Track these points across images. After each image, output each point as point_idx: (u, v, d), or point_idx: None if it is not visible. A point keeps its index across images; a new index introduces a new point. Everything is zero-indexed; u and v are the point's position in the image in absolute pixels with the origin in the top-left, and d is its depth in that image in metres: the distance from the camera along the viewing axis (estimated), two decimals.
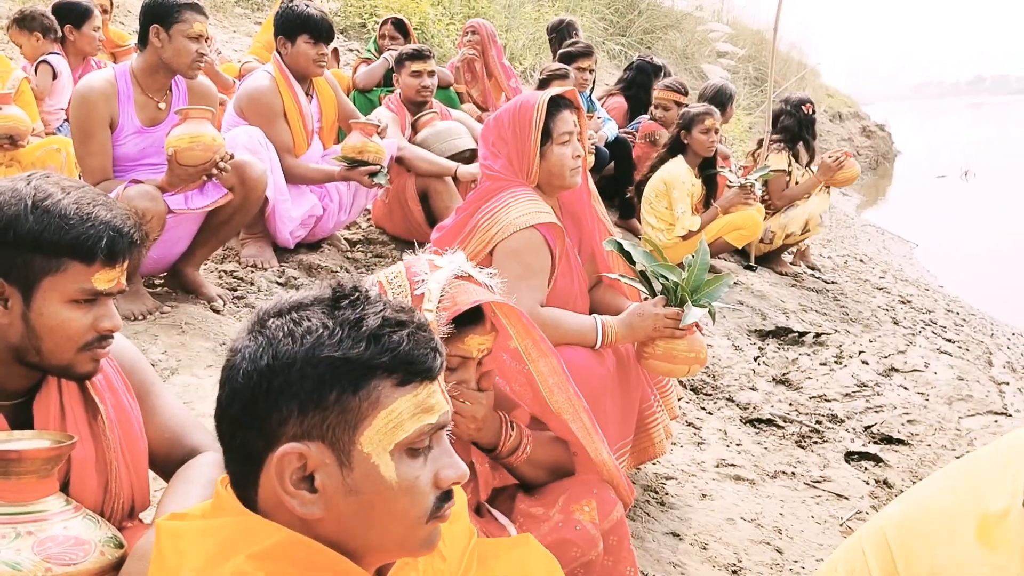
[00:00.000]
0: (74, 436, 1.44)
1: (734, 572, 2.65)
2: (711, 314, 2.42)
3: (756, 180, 5.38)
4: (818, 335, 5.05)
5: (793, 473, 3.40)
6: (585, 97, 5.85)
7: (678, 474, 3.16)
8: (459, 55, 6.24)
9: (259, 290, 3.74)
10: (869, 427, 3.93)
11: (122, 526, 1.56)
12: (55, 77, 4.62)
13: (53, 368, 1.49)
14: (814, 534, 2.98)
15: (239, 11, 8.91)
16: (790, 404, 4.06)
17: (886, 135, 19.54)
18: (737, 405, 3.95)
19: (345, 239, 4.61)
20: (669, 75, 6.91)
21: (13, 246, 1.40)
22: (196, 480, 1.59)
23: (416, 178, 4.52)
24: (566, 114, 2.53)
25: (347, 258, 4.38)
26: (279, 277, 3.92)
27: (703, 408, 3.84)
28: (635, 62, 7.02)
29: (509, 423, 1.86)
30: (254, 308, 3.50)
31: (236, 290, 3.73)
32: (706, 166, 5.39)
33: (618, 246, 2.48)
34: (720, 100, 6.12)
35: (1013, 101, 79.01)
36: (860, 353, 4.86)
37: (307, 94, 4.16)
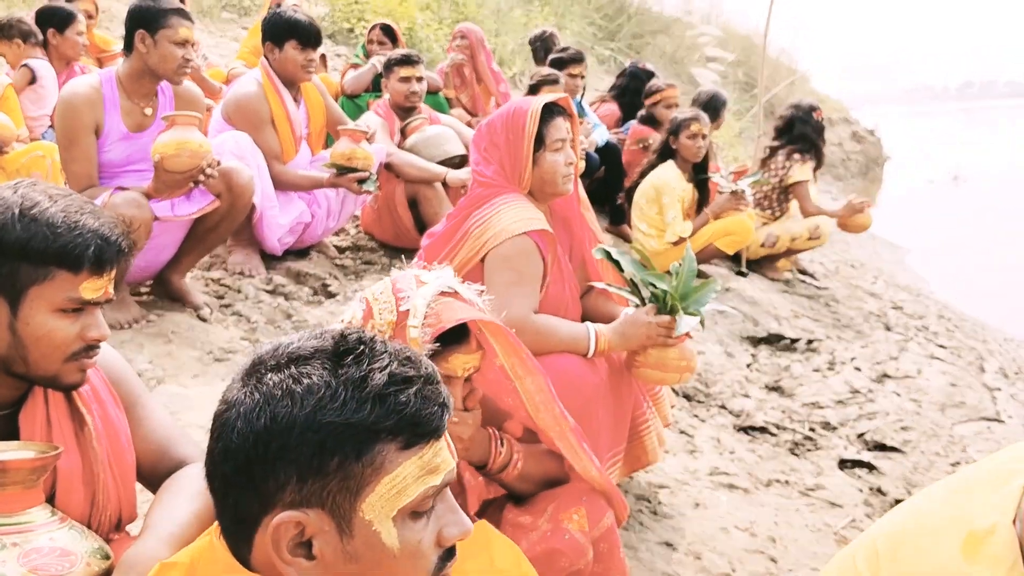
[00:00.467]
0: (59, 447, 1.43)
1: None
2: (700, 321, 2.43)
3: (747, 186, 5.39)
4: (810, 341, 5.05)
5: (787, 481, 3.38)
6: (576, 102, 5.84)
7: (671, 483, 3.14)
8: (448, 60, 6.23)
9: (246, 298, 3.71)
10: (862, 434, 3.92)
11: (109, 538, 1.55)
12: (33, 80, 4.57)
13: (40, 378, 1.48)
14: (808, 543, 2.97)
15: (226, 16, 8.88)
16: (783, 411, 4.05)
17: (876, 140, 19.58)
18: (730, 412, 3.94)
19: (334, 246, 4.59)
20: (656, 77, 6.92)
21: (0, 255, 1.39)
22: (183, 492, 1.57)
23: (405, 184, 4.50)
24: (559, 121, 2.52)
25: (335, 265, 4.35)
26: (267, 285, 3.89)
27: (696, 416, 3.82)
28: (628, 68, 7.04)
29: (499, 439, 1.84)
30: (242, 316, 3.50)
31: (223, 298, 3.69)
32: (697, 171, 5.39)
33: (607, 254, 2.47)
34: (714, 107, 6.13)
35: (1001, 106, 79.63)
36: (852, 359, 4.86)
37: (295, 100, 4.14)
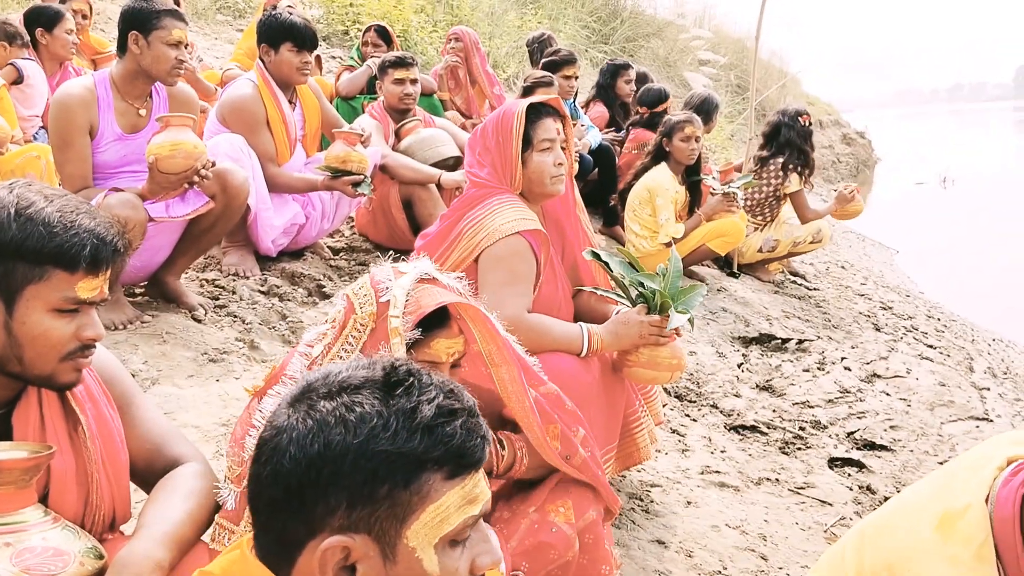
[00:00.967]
0: (52, 446, 1.43)
1: None
2: (690, 320, 2.46)
3: (738, 188, 5.41)
4: (801, 342, 5.08)
5: (777, 479, 3.41)
6: (569, 104, 5.87)
7: (663, 481, 3.16)
8: (442, 62, 6.24)
9: (241, 299, 3.72)
10: (852, 433, 3.95)
11: (103, 538, 1.55)
12: (20, 80, 4.56)
13: (35, 378, 1.48)
14: (798, 540, 2.99)
15: (221, 18, 8.88)
16: (774, 411, 4.07)
17: (866, 142, 19.69)
18: (721, 412, 3.96)
19: (328, 247, 4.59)
20: (650, 80, 6.95)
21: None
22: (177, 491, 1.58)
23: (400, 186, 4.51)
24: (548, 122, 2.54)
25: (330, 266, 4.36)
26: (261, 286, 3.89)
27: (687, 415, 3.84)
28: (602, 69, 7.10)
29: (499, 442, 1.86)
30: (236, 317, 3.51)
31: (218, 299, 3.70)
32: (690, 173, 5.42)
33: (596, 256, 2.50)
34: (706, 110, 6.16)
35: (991, 108, 79.96)
36: (842, 359, 4.89)
37: (290, 102, 4.15)
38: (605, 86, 6.85)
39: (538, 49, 6.89)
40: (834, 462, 3.66)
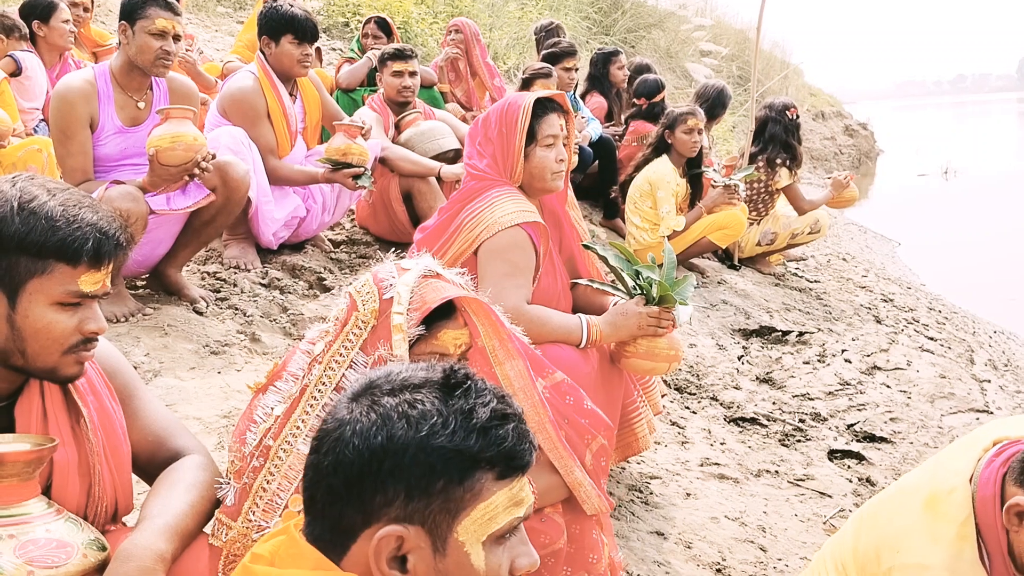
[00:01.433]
0: (55, 439, 1.43)
1: (718, 570, 2.67)
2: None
3: (739, 180, 5.41)
4: (801, 334, 5.08)
5: (777, 471, 3.42)
6: (569, 96, 5.86)
7: (662, 473, 3.17)
8: (443, 54, 6.23)
9: (242, 291, 3.73)
10: (852, 425, 3.96)
11: (105, 529, 1.56)
12: (18, 72, 4.56)
13: (37, 371, 1.48)
14: (798, 532, 3.00)
15: (221, 10, 8.86)
16: (774, 403, 4.08)
17: (868, 134, 19.66)
18: (721, 404, 3.97)
19: (329, 240, 4.60)
20: (653, 71, 6.92)
21: None
22: (180, 483, 1.58)
23: (400, 178, 4.51)
24: (553, 118, 2.54)
25: (331, 259, 4.36)
26: (262, 278, 3.90)
27: (687, 407, 3.85)
28: (592, 58, 7.04)
29: None
30: (237, 309, 3.52)
31: (219, 291, 3.71)
32: (691, 166, 5.42)
33: (592, 248, 2.51)
34: (722, 102, 6.15)
35: (994, 99, 79.77)
36: (843, 352, 4.89)
37: (291, 94, 4.15)
38: (598, 76, 6.80)
39: (545, 38, 6.86)
40: (834, 454, 3.67)
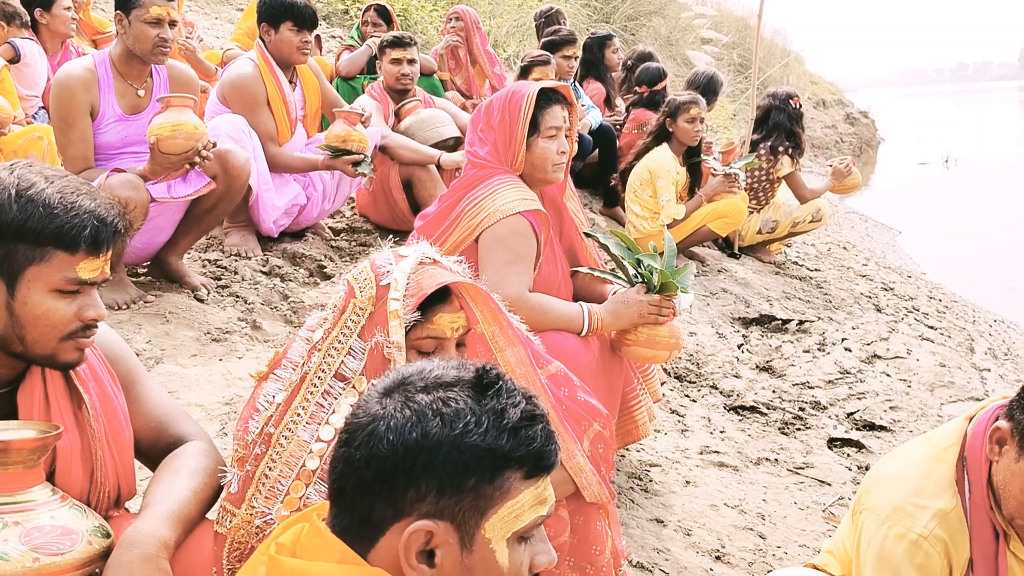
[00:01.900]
0: (60, 426, 1.44)
1: (717, 558, 2.68)
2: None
3: (740, 169, 5.40)
4: (801, 322, 5.09)
5: (776, 460, 3.43)
6: (570, 84, 5.85)
7: (662, 461, 3.18)
8: (443, 42, 6.21)
9: (243, 279, 3.73)
10: (852, 414, 3.97)
11: (108, 515, 1.57)
12: (17, 59, 4.55)
13: (37, 358, 1.49)
14: (797, 520, 3.01)
15: None
16: (773, 391, 4.09)
17: (870, 122, 19.62)
18: (721, 392, 3.98)
19: (329, 228, 4.60)
20: (655, 59, 6.90)
21: None
22: (182, 470, 1.59)
23: (400, 167, 4.51)
24: (556, 109, 2.53)
25: (331, 247, 4.37)
26: (263, 266, 3.91)
27: (687, 395, 3.86)
28: (585, 43, 6.97)
29: None
30: (238, 297, 3.53)
31: (220, 279, 3.71)
32: (691, 154, 5.41)
33: (593, 236, 2.52)
34: (713, 89, 6.13)
35: (995, 88, 79.57)
36: (843, 340, 4.90)
37: (291, 82, 4.14)
38: (594, 61, 6.75)
39: (544, 24, 6.82)
40: (833, 442, 3.69)
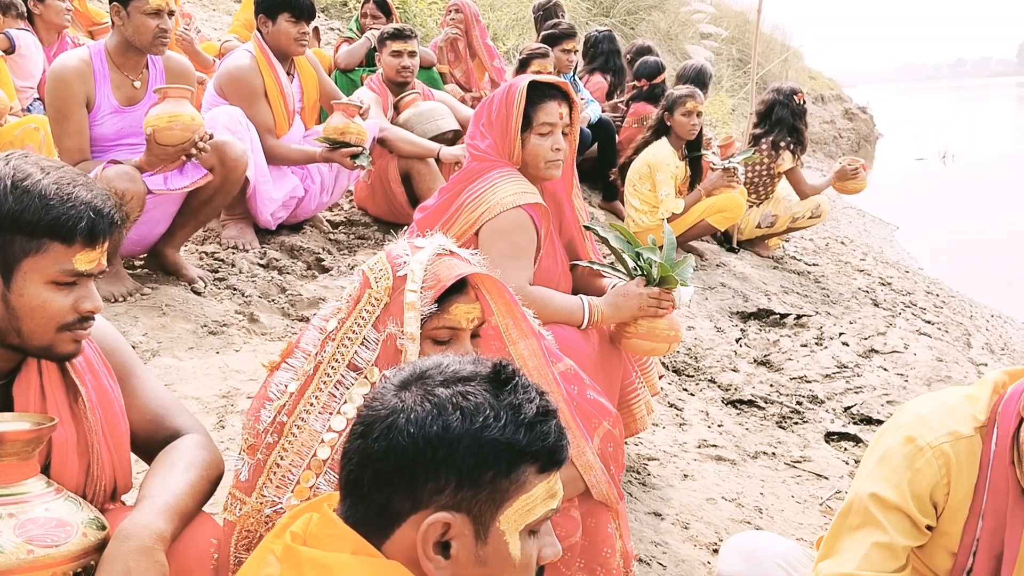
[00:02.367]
0: (55, 418, 1.43)
1: (715, 551, 2.68)
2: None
3: (738, 163, 5.40)
4: (799, 317, 5.09)
5: (774, 453, 3.43)
6: (569, 78, 5.83)
7: (660, 455, 3.18)
8: (442, 35, 6.19)
9: (240, 272, 3.72)
10: (849, 408, 3.97)
11: (104, 508, 1.56)
12: (12, 50, 4.53)
13: (34, 349, 1.48)
14: (794, 513, 3.02)
15: None
16: (771, 385, 4.09)
17: (868, 117, 19.61)
18: (719, 386, 3.98)
19: (327, 221, 4.59)
20: (654, 53, 6.89)
21: None
22: (179, 463, 1.58)
23: (399, 159, 4.49)
24: (551, 105, 2.50)
25: (329, 240, 4.36)
26: (260, 259, 3.89)
27: (685, 389, 3.86)
28: (598, 40, 6.94)
29: None
30: (236, 290, 3.52)
31: (217, 272, 3.70)
32: (690, 149, 5.40)
33: (593, 230, 2.51)
34: (702, 81, 6.13)
35: (993, 84, 79.61)
36: (840, 335, 4.90)
37: (288, 74, 4.12)
38: (604, 53, 6.75)
39: (544, 18, 6.80)
40: (831, 436, 3.69)
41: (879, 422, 3.85)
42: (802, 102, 6.06)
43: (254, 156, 3.80)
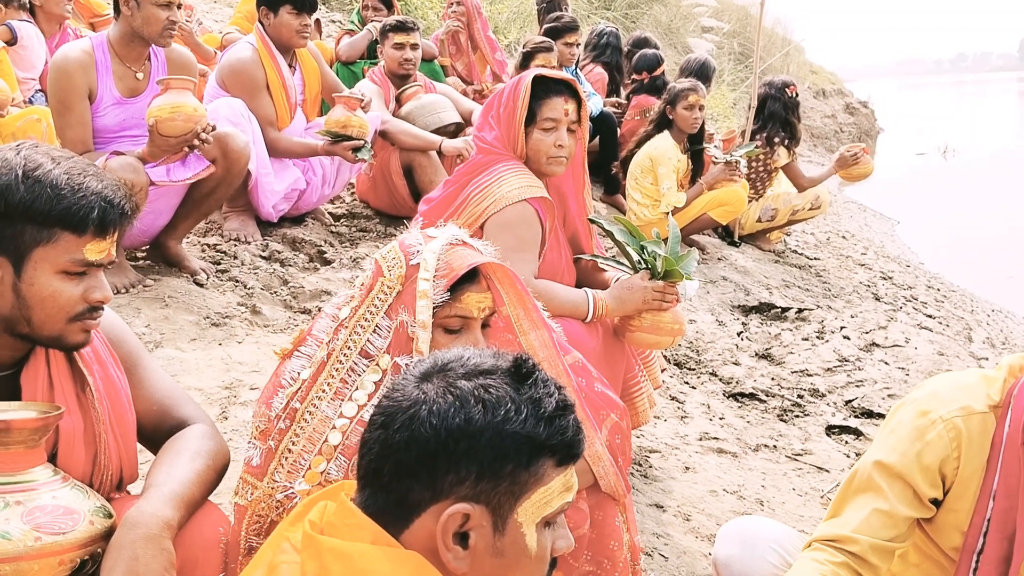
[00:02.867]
0: (61, 407, 1.43)
1: None
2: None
3: (741, 157, 5.40)
4: (800, 311, 5.09)
5: (775, 446, 3.44)
6: (571, 71, 5.83)
7: (662, 447, 3.19)
8: (444, 27, 6.18)
9: (243, 264, 3.73)
10: (850, 401, 3.98)
11: (110, 497, 1.56)
12: (14, 41, 4.53)
13: (43, 339, 1.48)
14: (795, 506, 3.02)
15: None
16: (772, 379, 4.10)
17: (869, 112, 19.57)
18: (720, 379, 3.99)
19: (329, 213, 4.59)
20: (652, 44, 6.87)
21: (4, 216, 1.39)
22: (185, 452, 1.59)
23: (400, 152, 4.49)
24: (557, 101, 2.48)
25: (331, 232, 4.36)
26: (262, 251, 3.90)
27: (687, 382, 3.87)
28: (604, 32, 6.93)
29: None
30: (238, 282, 3.52)
31: (219, 263, 3.71)
32: (692, 142, 5.40)
33: (597, 223, 2.51)
34: (705, 74, 6.11)
35: (994, 79, 79.54)
36: (842, 328, 4.91)
37: (290, 66, 4.12)
38: (607, 46, 6.75)
39: (546, 11, 6.79)
40: (831, 430, 3.70)
41: (880, 415, 3.86)
42: (794, 95, 6.04)
43: (256, 148, 3.80)
